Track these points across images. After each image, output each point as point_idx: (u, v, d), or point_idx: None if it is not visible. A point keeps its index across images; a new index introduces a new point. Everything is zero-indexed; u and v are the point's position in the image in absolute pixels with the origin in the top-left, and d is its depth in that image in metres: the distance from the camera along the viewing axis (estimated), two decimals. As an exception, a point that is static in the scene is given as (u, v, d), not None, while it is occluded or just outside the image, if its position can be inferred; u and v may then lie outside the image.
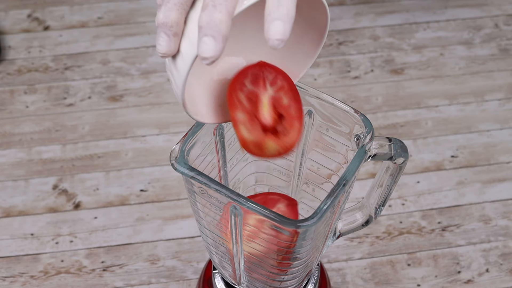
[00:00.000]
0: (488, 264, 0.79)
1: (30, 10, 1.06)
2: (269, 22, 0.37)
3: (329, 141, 0.53)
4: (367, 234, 0.81)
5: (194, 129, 0.49)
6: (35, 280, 0.78)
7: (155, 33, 1.03)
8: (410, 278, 0.78)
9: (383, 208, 0.57)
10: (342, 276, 0.78)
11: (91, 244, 0.81)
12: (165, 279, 0.78)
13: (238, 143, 0.56)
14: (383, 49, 1.01)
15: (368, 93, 0.96)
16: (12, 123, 0.92)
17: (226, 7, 0.37)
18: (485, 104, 0.95)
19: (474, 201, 0.85)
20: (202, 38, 0.37)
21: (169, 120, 0.92)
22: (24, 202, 0.84)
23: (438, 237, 0.81)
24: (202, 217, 0.52)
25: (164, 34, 0.39)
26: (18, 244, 0.81)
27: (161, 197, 0.85)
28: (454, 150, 0.89)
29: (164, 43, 0.39)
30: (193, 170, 0.46)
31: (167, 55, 0.40)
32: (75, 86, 0.96)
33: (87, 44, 1.02)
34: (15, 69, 0.98)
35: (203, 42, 0.37)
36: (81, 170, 0.87)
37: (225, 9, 0.37)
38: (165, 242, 0.81)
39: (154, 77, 0.97)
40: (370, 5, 1.07)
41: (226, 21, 0.37)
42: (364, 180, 0.86)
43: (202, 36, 0.37)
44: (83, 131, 0.91)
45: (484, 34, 1.03)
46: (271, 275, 0.54)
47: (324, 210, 0.45)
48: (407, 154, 0.52)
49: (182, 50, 0.40)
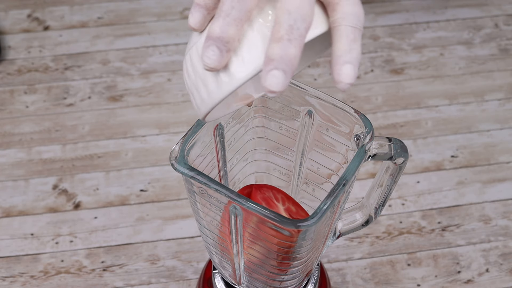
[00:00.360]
0: (488, 264, 0.79)
1: (30, 10, 1.06)
2: (341, 65, 0.37)
3: (329, 141, 0.53)
4: (367, 234, 0.81)
5: (194, 129, 0.49)
6: (35, 280, 0.78)
7: (155, 33, 1.03)
8: (410, 278, 0.78)
9: (383, 208, 0.57)
10: (342, 276, 0.78)
11: (91, 244, 0.81)
12: (165, 279, 0.78)
13: (238, 143, 0.56)
14: (383, 49, 1.01)
15: (368, 93, 0.96)
16: (12, 123, 0.92)
17: (300, 42, 0.36)
18: (485, 104, 0.95)
19: (474, 201, 0.85)
20: (272, 71, 0.36)
21: (169, 120, 0.92)
22: (24, 202, 0.84)
23: (438, 237, 0.81)
24: (202, 217, 0.52)
25: (217, 48, 0.37)
26: (18, 244, 0.81)
27: (161, 197, 0.85)
28: (454, 150, 0.89)
29: (215, 57, 0.37)
30: (193, 170, 0.46)
31: (214, 70, 0.38)
32: (75, 86, 0.96)
33: (87, 44, 1.02)
34: (15, 69, 0.98)
35: (273, 76, 0.36)
36: (81, 170, 0.87)
37: (299, 45, 0.36)
38: (165, 242, 0.81)
39: (154, 77, 0.97)
40: (370, 5, 1.07)
41: (299, 57, 0.36)
42: (364, 180, 0.86)
43: (273, 69, 0.36)
44: (83, 131, 0.91)
45: (484, 34, 1.03)
46: (271, 275, 0.54)
47: (324, 210, 0.45)
48: (407, 154, 0.52)
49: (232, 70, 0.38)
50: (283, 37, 0.36)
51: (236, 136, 0.55)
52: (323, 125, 0.53)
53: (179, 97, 0.95)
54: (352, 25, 0.37)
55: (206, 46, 0.37)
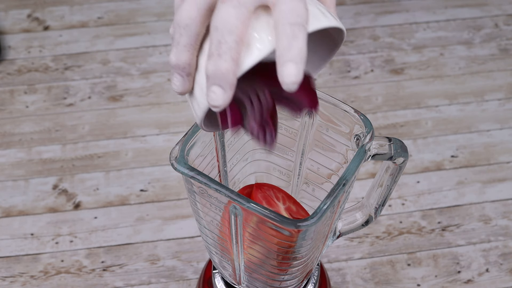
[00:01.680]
0: (488, 264, 0.79)
1: (30, 10, 1.06)
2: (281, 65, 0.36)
3: (329, 141, 0.53)
4: (367, 234, 0.81)
5: (194, 129, 0.49)
6: (35, 280, 0.78)
7: (155, 33, 1.03)
8: (410, 278, 0.78)
9: (383, 208, 0.57)
10: (342, 276, 0.78)
11: (91, 244, 0.81)
12: (165, 279, 0.78)
13: (238, 143, 0.56)
14: (383, 49, 1.01)
15: (368, 93, 0.96)
16: (12, 123, 0.92)
17: (231, 56, 0.36)
18: (485, 104, 0.95)
19: (474, 201, 0.85)
20: (210, 87, 0.37)
21: (169, 120, 0.92)
22: (24, 202, 0.84)
23: (438, 237, 0.81)
24: (202, 217, 0.52)
25: (178, 75, 0.39)
26: (18, 244, 0.81)
27: (161, 197, 0.85)
28: (454, 150, 0.89)
29: (178, 83, 0.40)
30: (193, 170, 0.46)
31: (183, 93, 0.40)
32: (75, 86, 0.96)
33: (87, 44, 1.02)
34: (15, 69, 0.98)
35: (212, 91, 0.37)
36: (81, 170, 0.87)
37: (229, 58, 0.36)
38: (165, 242, 0.81)
39: (154, 77, 0.97)
40: (370, 5, 1.07)
41: (232, 70, 0.36)
42: (364, 180, 0.86)
43: (210, 85, 0.37)
44: (83, 131, 0.91)
45: (484, 34, 1.03)
46: (271, 275, 0.54)
47: (324, 210, 0.45)
48: (407, 154, 0.52)
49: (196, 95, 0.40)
50: (213, 53, 0.36)
51: (236, 136, 0.55)
52: (323, 125, 0.53)
53: (179, 97, 0.95)
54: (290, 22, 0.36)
55: (171, 74, 0.40)
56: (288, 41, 0.36)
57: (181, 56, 0.39)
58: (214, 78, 0.36)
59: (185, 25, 0.38)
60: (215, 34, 0.36)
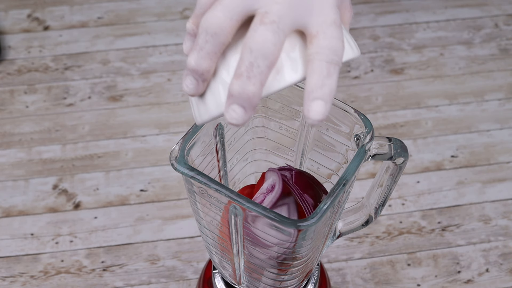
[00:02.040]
0: (488, 264, 0.79)
1: (30, 10, 1.06)
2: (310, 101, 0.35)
3: (329, 141, 0.53)
4: (367, 234, 0.81)
5: (194, 129, 0.49)
6: (35, 280, 0.78)
7: (155, 33, 1.03)
8: (410, 278, 0.78)
9: (383, 208, 0.57)
10: (342, 276, 0.78)
11: (91, 244, 0.81)
12: (165, 279, 0.78)
13: (238, 143, 0.56)
14: (383, 49, 1.01)
15: (368, 93, 0.96)
16: (12, 123, 0.92)
17: (260, 80, 0.35)
18: (485, 104, 0.95)
19: (474, 201, 0.85)
20: (232, 105, 0.36)
21: (169, 120, 0.92)
22: (24, 202, 0.84)
23: (438, 237, 0.81)
24: (202, 217, 0.52)
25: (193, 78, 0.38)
26: (18, 244, 0.81)
27: (161, 197, 0.85)
28: (454, 150, 0.89)
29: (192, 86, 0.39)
30: (193, 170, 0.46)
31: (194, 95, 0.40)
32: (75, 86, 0.96)
33: (87, 44, 1.02)
34: (15, 69, 0.98)
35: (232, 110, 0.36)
36: (81, 170, 0.87)
37: (259, 82, 0.35)
38: (165, 242, 0.81)
39: (154, 77, 0.97)
40: (370, 5, 1.07)
41: (258, 94, 0.36)
42: (364, 180, 0.86)
43: (232, 103, 0.36)
44: (83, 131, 0.91)
45: (484, 34, 1.03)
46: (271, 275, 0.54)
47: (324, 210, 0.45)
48: (407, 154, 0.52)
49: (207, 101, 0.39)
50: (242, 73, 0.36)
51: (236, 136, 0.55)
52: (323, 125, 0.53)
53: (179, 97, 0.95)
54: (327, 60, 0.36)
55: (185, 75, 0.39)
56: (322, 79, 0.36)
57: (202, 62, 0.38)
58: (238, 98, 0.36)
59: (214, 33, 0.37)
60: (248, 55, 0.35)
